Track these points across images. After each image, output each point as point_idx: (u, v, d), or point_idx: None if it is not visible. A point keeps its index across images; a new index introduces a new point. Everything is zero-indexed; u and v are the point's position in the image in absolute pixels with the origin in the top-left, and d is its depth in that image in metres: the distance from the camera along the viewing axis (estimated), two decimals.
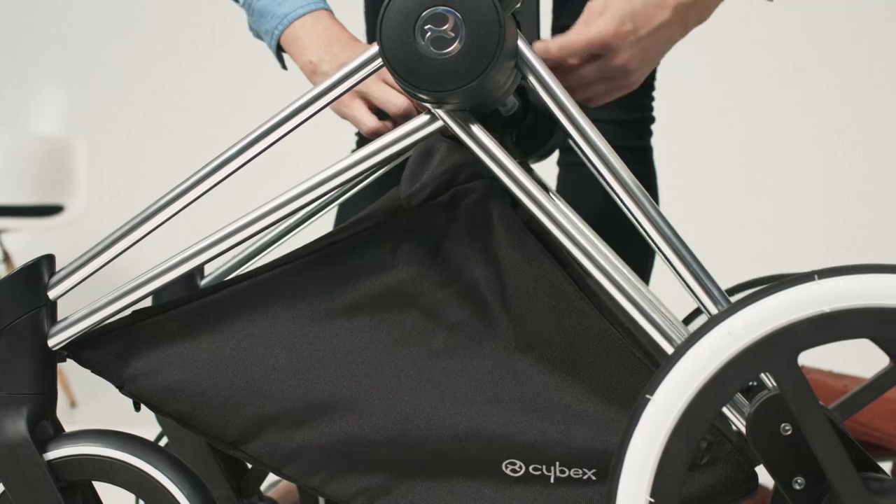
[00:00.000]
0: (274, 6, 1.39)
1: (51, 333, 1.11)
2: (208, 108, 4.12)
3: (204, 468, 1.42)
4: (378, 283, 1.10)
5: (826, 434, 0.92)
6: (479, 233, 1.09)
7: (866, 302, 0.90)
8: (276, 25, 1.39)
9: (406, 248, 1.10)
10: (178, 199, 1.11)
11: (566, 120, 1.05)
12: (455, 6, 1.00)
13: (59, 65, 4.43)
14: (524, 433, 1.07)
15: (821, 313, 0.90)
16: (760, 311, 0.92)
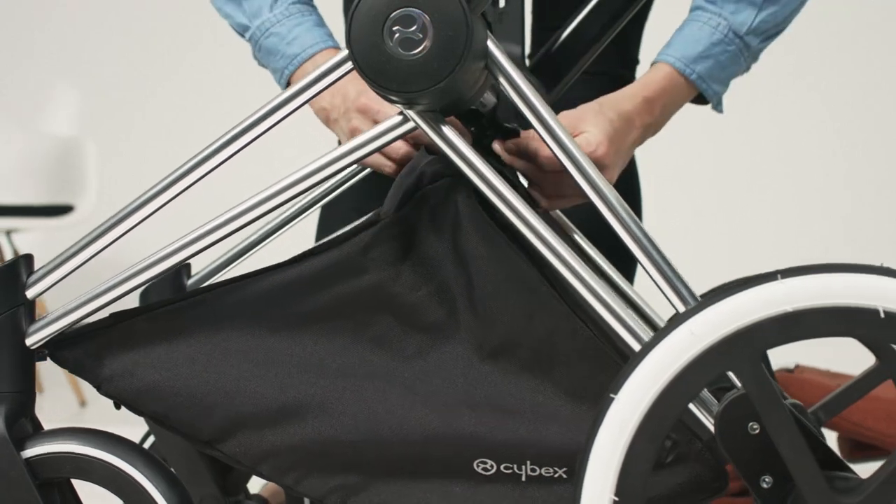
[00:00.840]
0: (283, 45, 1.39)
1: (29, 332, 1.12)
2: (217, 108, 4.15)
3: (190, 466, 1.43)
4: (350, 289, 1.11)
5: (790, 433, 0.93)
6: (447, 233, 1.10)
7: (828, 301, 0.90)
8: (286, 66, 1.39)
9: (377, 254, 1.11)
10: (156, 197, 1.12)
11: (536, 121, 1.06)
12: (423, 7, 1.01)
13: (70, 65, 4.45)
14: (495, 433, 1.07)
15: (783, 312, 0.91)
16: (723, 311, 0.92)
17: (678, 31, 1.40)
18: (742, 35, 1.36)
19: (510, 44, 1.45)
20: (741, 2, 1.36)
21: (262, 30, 1.39)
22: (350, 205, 1.55)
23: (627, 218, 1.05)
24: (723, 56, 1.37)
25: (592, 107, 1.31)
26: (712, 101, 1.40)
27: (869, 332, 0.90)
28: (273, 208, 1.10)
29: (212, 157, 1.10)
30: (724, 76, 1.39)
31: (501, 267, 1.08)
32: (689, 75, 1.37)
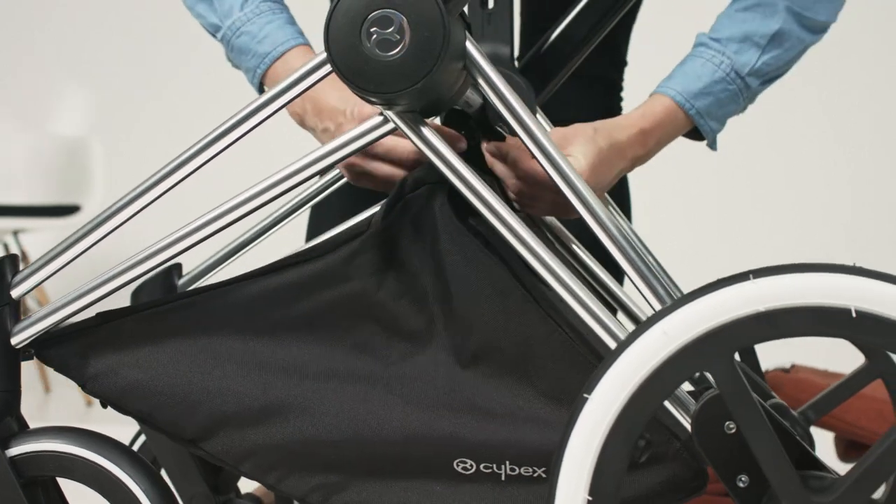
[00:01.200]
0: (254, 44, 1.39)
1: (14, 331, 1.13)
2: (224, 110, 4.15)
3: (180, 465, 1.44)
4: (334, 296, 1.12)
5: (763, 432, 0.93)
6: (427, 241, 1.11)
7: (800, 301, 0.90)
8: (258, 65, 1.39)
9: (361, 262, 1.12)
10: (139, 198, 1.13)
11: (516, 123, 1.06)
12: (400, 9, 1.01)
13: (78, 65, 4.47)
14: (475, 434, 1.08)
15: (755, 312, 0.91)
16: (696, 311, 0.92)
17: (680, 65, 1.41)
18: (744, 76, 1.38)
19: (499, 44, 1.46)
20: (745, 42, 1.38)
21: (234, 29, 1.39)
22: (339, 206, 1.56)
23: (606, 220, 1.05)
24: (723, 94, 1.39)
25: (585, 130, 1.32)
26: (707, 138, 1.42)
27: (841, 332, 0.90)
28: (257, 207, 1.11)
29: (192, 159, 1.11)
30: (721, 114, 1.41)
31: (476, 272, 1.09)
32: (688, 110, 1.38)
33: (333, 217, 1.52)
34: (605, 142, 1.31)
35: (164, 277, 1.46)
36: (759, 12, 1.39)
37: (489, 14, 1.47)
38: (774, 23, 1.38)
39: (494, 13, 1.47)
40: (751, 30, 1.38)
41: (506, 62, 1.45)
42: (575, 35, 1.49)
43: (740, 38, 1.38)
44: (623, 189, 1.76)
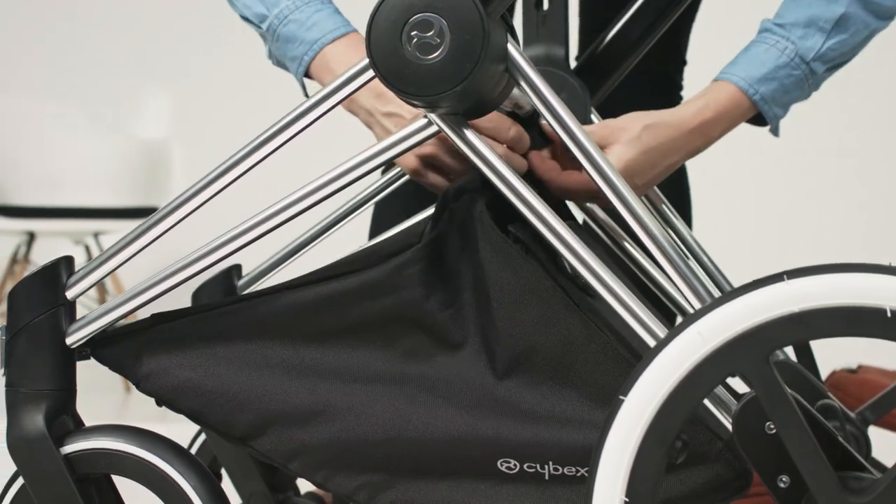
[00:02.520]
0: (302, 31, 1.37)
1: (69, 332, 1.16)
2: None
3: (240, 463, 1.46)
4: (385, 305, 1.13)
5: (800, 433, 0.92)
6: (468, 251, 1.12)
7: (835, 301, 0.90)
8: (306, 52, 1.38)
9: (411, 272, 1.13)
10: (191, 199, 1.15)
11: (557, 124, 1.07)
12: (440, 12, 1.02)
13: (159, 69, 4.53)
14: (518, 435, 1.09)
15: (790, 313, 0.91)
16: (730, 312, 0.92)
17: (744, 50, 1.40)
18: (808, 61, 1.36)
19: (554, 45, 1.47)
20: (810, 27, 1.36)
21: (281, 17, 1.37)
22: (400, 204, 1.57)
23: (648, 221, 1.05)
24: (787, 80, 1.37)
25: (632, 129, 1.32)
26: (770, 124, 1.41)
27: (876, 332, 0.89)
28: (306, 208, 1.12)
29: (238, 164, 1.13)
30: (786, 100, 1.39)
31: (516, 278, 1.09)
32: (752, 95, 1.37)
33: (395, 215, 1.53)
34: (654, 140, 1.31)
35: (223, 278, 1.49)
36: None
37: (544, 15, 1.48)
38: (839, 6, 1.36)
39: (549, 14, 1.48)
40: (815, 14, 1.36)
41: (560, 63, 1.46)
42: (630, 35, 1.49)
43: (805, 23, 1.36)
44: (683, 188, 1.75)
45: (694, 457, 1.05)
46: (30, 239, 3.74)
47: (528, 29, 1.48)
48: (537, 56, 1.46)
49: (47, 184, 3.87)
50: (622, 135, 1.31)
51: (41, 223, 3.69)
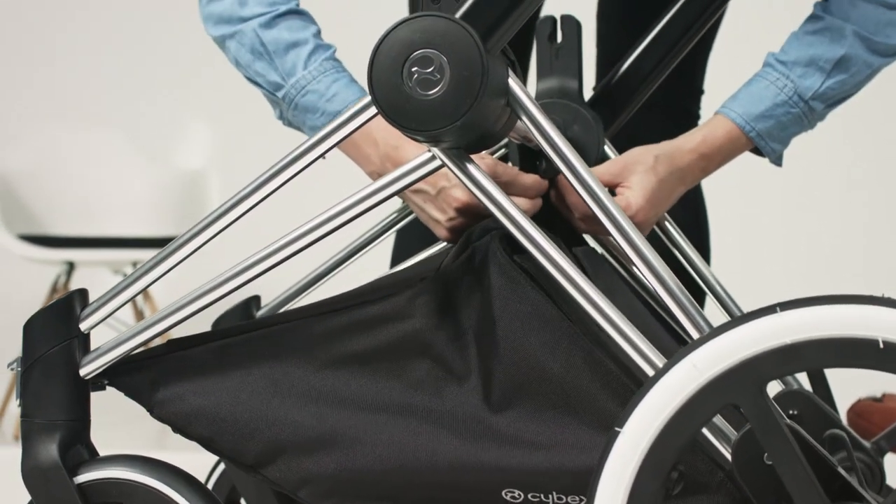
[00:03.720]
0: (323, 103, 1.38)
1: (83, 363, 1.18)
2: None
3: (259, 491, 1.48)
4: (395, 334, 1.16)
5: (795, 465, 0.93)
6: (479, 283, 1.14)
7: (827, 333, 0.90)
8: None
9: (422, 301, 1.15)
10: (199, 234, 1.17)
11: (554, 154, 1.08)
12: (440, 49, 1.04)
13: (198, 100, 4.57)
14: (522, 464, 1.10)
15: (783, 345, 0.91)
16: (724, 344, 0.93)
17: (745, 85, 1.42)
18: (807, 99, 1.38)
19: (567, 78, 1.48)
20: (810, 66, 1.38)
21: (299, 87, 1.39)
22: (420, 233, 1.58)
23: (646, 250, 1.06)
24: (785, 117, 1.39)
25: (646, 159, 1.34)
26: (769, 157, 1.43)
27: (869, 363, 0.90)
28: (311, 243, 1.14)
29: (248, 197, 1.15)
30: (784, 136, 1.41)
31: (521, 304, 1.11)
32: (748, 132, 1.39)
33: (416, 242, 1.54)
34: (666, 170, 1.33)
35: (243, 309, 1.51)
36: (827, 36, 1.38)
37: (557, 48, 1.49)
38: (840, 48, 1.37)
39: (562, 47, 1.49)
40: (817, 54, 1.38)
41: (573, 96, 1.47)
42: (643, 67, 1.50)
43: (806, 62, 1.38)
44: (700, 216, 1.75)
45: (695, 486, 1.06)
46: (69, 269, 3.78)
47: (542, 62, 1.49)
48: (551, 88, 1.48)
49: (86, 214, 3.91)
50: (638, 167, 1.33)
51: (80, 253, 3.73)
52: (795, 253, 4.28)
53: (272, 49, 1.40)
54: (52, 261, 3.73)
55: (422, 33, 1.04)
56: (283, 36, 1.40)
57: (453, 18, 1.04)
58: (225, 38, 1.44)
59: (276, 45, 1.40)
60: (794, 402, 1.35)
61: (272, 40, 1.40)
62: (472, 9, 1.05)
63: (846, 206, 4.29)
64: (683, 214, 1.55)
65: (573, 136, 1.45)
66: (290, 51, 1.40)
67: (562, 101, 1.46)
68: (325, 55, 1.40)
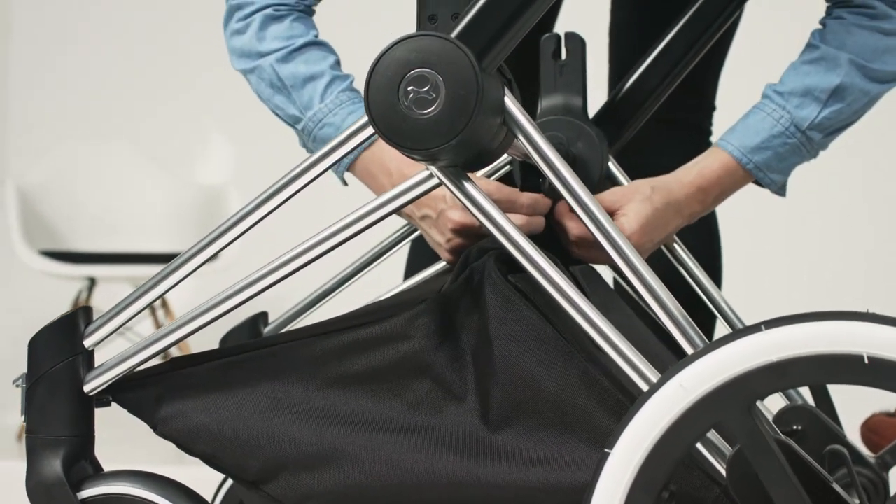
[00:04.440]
0: (338, 135, 1.40)
1: (86, 380, 1.19)
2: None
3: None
4: (395, 354, 1.16)
5: (783, 482, 0.93)
6: (476, 305, 1.15)
7: (812, 350, 0.91)
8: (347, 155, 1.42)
9: (422, 323, 1.16)
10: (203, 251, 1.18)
11: (549, 171, 1.09)
12: (435, 68, 1.05)
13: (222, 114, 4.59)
14: (520, 482, 1.11)
15: (769, 363, 0.92)
16: (711, 364, 0.94)
17: (743, 117, 1.42)
18: (804, 129, 1.38)
19: (572, 95, 1.49)
20: (806, 97, 1.38)
21: (316, 120, 1.40)
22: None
23: (641, 268, 1.07)
24: (782, 148, 1.39)
25: (643, 190, 1.35)
26: (770, 188, 1.43)
27: (855, 379, 0.90)
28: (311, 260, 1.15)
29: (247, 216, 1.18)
30: (782, 167, 1.41)
31: (517, 324, 1.12)
32: (745, 164, 1.39)
33: (432, 254, 1.56)
34: (662, 201, 1.34)
35: (250, 326, 1.52)
36: (822, 66, 1.38)
37: (562, 66, 1.50)
38: (836, 77, 1.37)
39: (567, 65, 1.50)
40: (812, 84, 1.38)
41: (578, 112, 1.48)
42: (649, 83, 1.51)
43: (802, 93, 1.38)
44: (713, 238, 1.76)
45: (691, 502, 1.06)
46: (91, 284, 3.82)
47: (547, 79, 1.50)
48: (555, 105, 1.49)
49: (107, 229, 3.94)
50: (635, 195, 1.34)
51: (102, 268, 3.76)
52: (802, 272, 4.27)
53: (289, 84, 1.42)
54: (74, 276, 3.76)
55: (417, 53, 1.05)
56: (299, 70, 1.41)
57: (448, 38, 1.05)
58: (246, 72, 1.46)
59: (293, 79, 1.42)
60: (798, 418, 1.35)
61: (289, 75, 1.42)
62: (468, 28, 1.06)
63: (854, 224, 4.28)
64: (696, 241, 1.55)
65: (577, 153, 1.46)
66: (307, 84, 1.41)
67: (565, 118, 1.47)
68: (341, 87, 1.41)
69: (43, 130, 4.59)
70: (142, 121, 4.63)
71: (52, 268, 3.64)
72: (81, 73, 4.66)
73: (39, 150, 4.26)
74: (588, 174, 1.46)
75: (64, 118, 4.60)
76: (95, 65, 4.64)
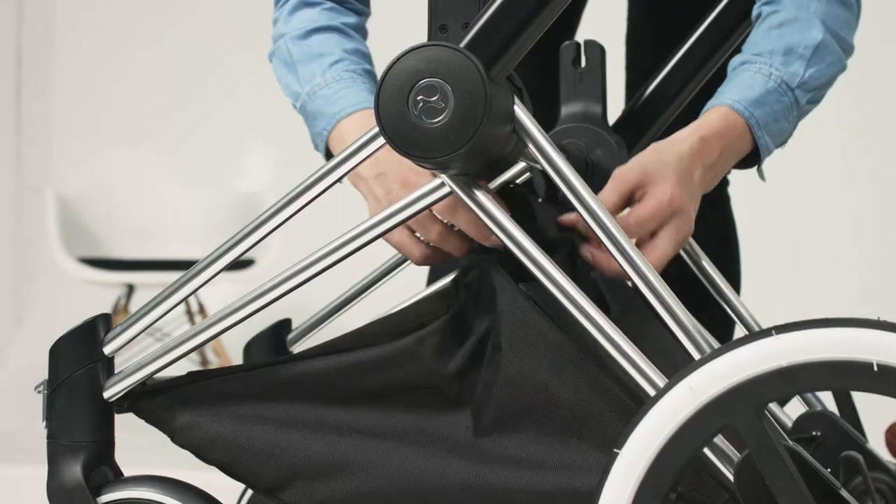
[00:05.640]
0: (327, 106, 1.38)
1: (106, 386, 1.21)
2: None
3: None
4: (405, 374, 1.16)
5: (790, 487, 0.93)
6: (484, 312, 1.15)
7: (822, 356, 0.91)
8: (325, 126, 1.39)
9: (432, 343, 1.16)
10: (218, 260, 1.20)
11: (558, 178, 1.09)
12: (444, 77, 1.05)
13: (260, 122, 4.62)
14: (531, 486, 1.11)
15: (779, 367, 0.92)
16: (721, 367, 0.94)
17: (727, 81, 1.38)
18: (794, 88, 1.34)
19: (591, 102, 1.50)
20: (790, 55, 1.35)
21: (311, 94, 1.39)
22: None
23: (649, 273, 1.07)
24: (777, 106, 1.34)
25: (651, 156, 1.31)
26: (762, 155, 1.37)
27: (864, 386, 0.90)
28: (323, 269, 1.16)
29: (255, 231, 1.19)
30: (775, 129, 1.35)
31: (529, 331, 1.12)
32: (747, 118, 1.33)
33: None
34: (673, 156, 1.30)
35: (272, 333, 1.53)
36: (797, 27, 1.35)
37: (581, 73, 1.51)
38: (816, 33, 1.34)
39: (586, 72, 1.51)
40: (793, 42, 1.34)
41: (597, 119, 1.49)
42: (668, 90, 1.51)
43: (784, 51, 1.34)
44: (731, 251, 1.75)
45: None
46: (129, 291, 3.85)
47: (566, 86, 1.51)
48: (575, 113, 1.49)
49: (146, 236, 3.97)
50: (650, 167, 1.30)
51: (140, 275, 3.79)
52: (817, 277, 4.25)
53: (297, 59, 1.41)
54: (112, 283, 3.80)
55: (427, 62, 1.06)
56: (312, 48, 1.41)
57: (457, 48, 1.06)
58: (271, 57, 1.46)
59: (302, 55, 1.41)
60: (818, 424, 1.35)
61: (300, 52, 1.42)
62: (476, 38, 1.07)
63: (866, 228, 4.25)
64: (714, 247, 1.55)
65: (596, 160, 1.46)
66: (315, 61, 1.41)
67: (584, 125, 1.47)
68: (347, 66, 1.41)
69: (82, 139, 4.64)
70: (181, 128, 4.66)
71: (91, 275, 3.67)
72: (120, 82, 4.70)
73: (78, 159, 4.30)
74: (607, 180, 1.46)
75: (103, 126, 4.65)
76: (134, 73, 4.68)
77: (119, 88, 4.71)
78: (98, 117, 4.67)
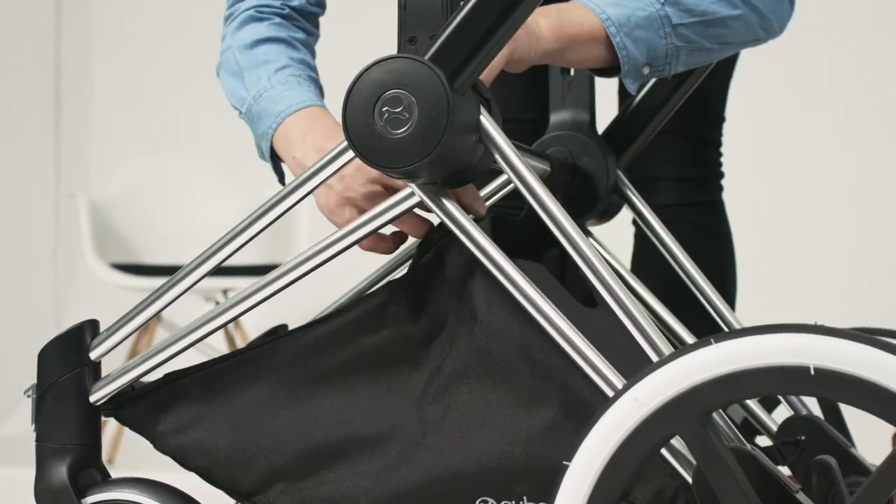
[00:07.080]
0: (272, 105, 1.38)
1: (93, 390, 1.24)
2: None
3: None
4: (370, 344, 1.19)
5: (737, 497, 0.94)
6: (456, 281, 1.16)
7: (760, 362, 0.92)
8: (271, 125, 1.38)
9: (393, 311, 1.18)
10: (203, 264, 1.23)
11: (525, 190, 1.11)
12: (408, 89, 1.08)
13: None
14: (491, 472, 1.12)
15: (719, 375, 0.93)
16: (663, 377, 0.95)
17: None
18: (663, 2, 1.31)
19: (579, 111, 1.52)
20: None
21: (257, 97, 1.40)
22: None
23: (609, 279, 1.09)
24: (641, 12, 1.31)
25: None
26: (622, 63, 1.31)
27: (802, 389, 0.92)
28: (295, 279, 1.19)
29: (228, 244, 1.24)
30: (636, 35, 1.31)
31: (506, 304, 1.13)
32: (599, 14, 1.30)
33: None
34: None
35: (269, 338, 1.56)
36: None
37: (569, 81, 1.53)
38: None
39: (574, 80, 1.53)
40: None
41: (584, 128, 1.51)
42: (657, 98, 1.53)
43: None
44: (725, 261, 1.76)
45: None
46: None
47: (555, 95, 1.53)
48: (563, 121, 1.52)
49: (178, 242, 4.00)
50: None
51: None
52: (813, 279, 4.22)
53: (244, 66, 1.42)
54: (145, 289, 3.82)
55: (392, 74, 1.09)
56: (258, 56, 1.42)
57: (421, 59, 1.08)
58: (218, 70, 1.48)
59: (248, 63, 1.42)
60: (802, 428, 1.36)
61: (247, 59, 1.42)
62: (440, 50, 1.09)
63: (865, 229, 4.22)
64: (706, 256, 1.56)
65: (583, 167, 1.48)
66: (261, 67, 1.41)
67: (572, 133, 1.50)
68: (294, 71, 1.41)
69: (115, 145, 4.69)
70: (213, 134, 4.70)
71: (123, 280, 3.70)
72: (155, 88, 4.75)
73: (111, 164, 4.34)
74: (593, 187, 1.48)
75: (139, 133, 4.69)
76: (170, 82, 4.73)
77: (155, 96, 4.75)
78: (134, 124, 4.72)
